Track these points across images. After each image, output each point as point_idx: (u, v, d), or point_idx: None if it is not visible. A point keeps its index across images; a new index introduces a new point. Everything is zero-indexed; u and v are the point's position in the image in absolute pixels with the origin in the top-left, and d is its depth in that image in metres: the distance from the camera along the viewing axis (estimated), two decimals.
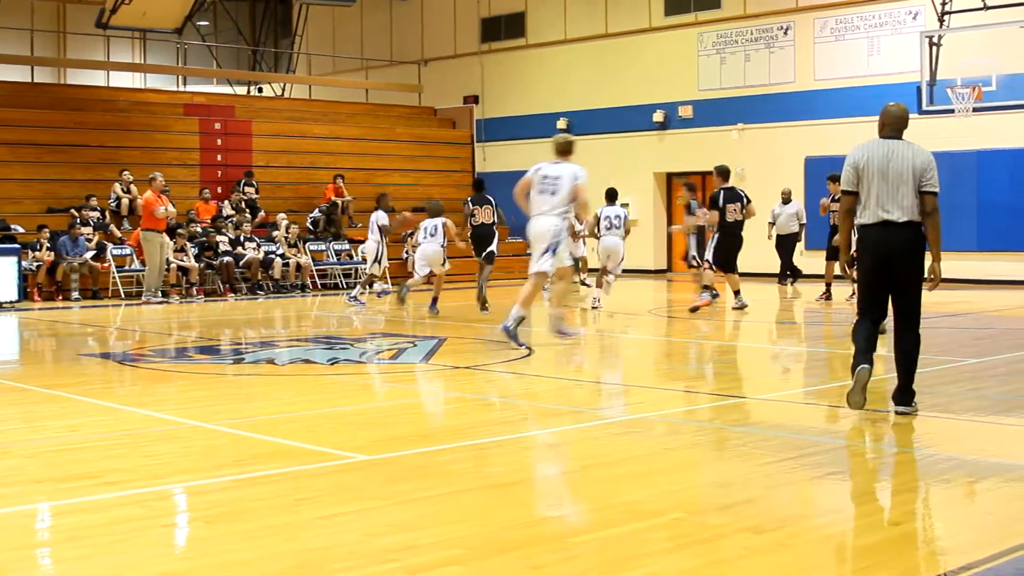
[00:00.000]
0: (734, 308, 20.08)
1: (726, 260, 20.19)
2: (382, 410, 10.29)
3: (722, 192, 20.32)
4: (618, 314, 20.77)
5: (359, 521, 6.38)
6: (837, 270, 20.88)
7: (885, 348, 11.08)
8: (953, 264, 27.40)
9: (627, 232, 21.65)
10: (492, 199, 21.55)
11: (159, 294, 23.71)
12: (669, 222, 33.28)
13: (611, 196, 22.18)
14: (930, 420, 9.51)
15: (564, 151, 15.31)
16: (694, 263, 22.20)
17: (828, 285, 22.27)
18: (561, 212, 14.99)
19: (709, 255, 20.29)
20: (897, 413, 9.49)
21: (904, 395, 9.52)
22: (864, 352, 9.46)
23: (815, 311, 21.05)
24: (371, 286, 24.26)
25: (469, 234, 21.57)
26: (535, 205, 15.13)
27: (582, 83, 35.11)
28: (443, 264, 21.32)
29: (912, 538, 6.26)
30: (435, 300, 20.83)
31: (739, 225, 20.37)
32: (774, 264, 26.98)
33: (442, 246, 21.28)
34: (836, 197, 21.92)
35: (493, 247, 21.38)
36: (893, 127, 9.62)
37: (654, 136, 33.39)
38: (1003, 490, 7.22)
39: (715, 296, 20.72)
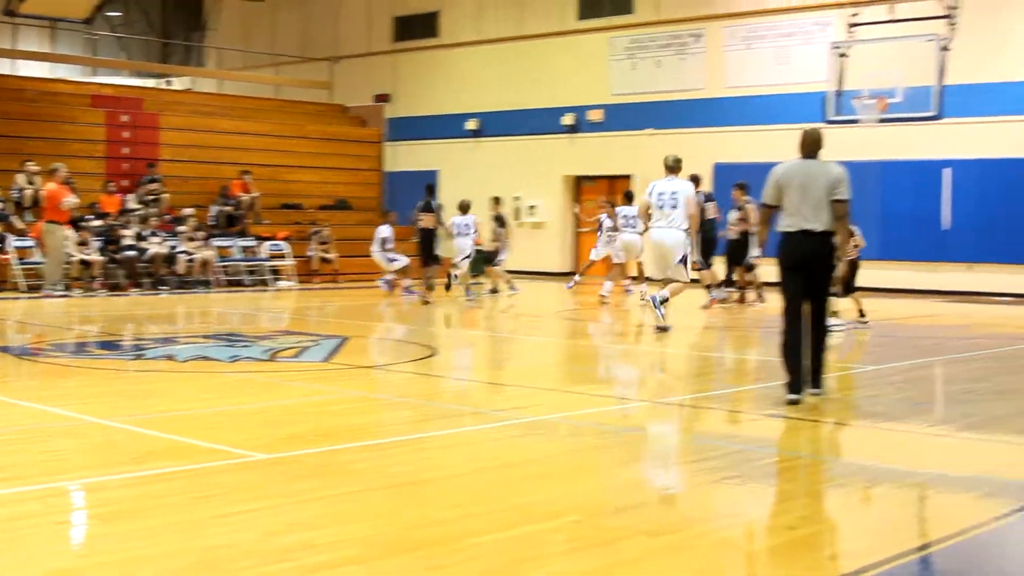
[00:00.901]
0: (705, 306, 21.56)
1: (707, 257, 22.03)
2: (283, 408, 10.23)
3: (701, 195, 21.37)
4: (523, 316, 20.82)
5: (258, 520, 6.35)
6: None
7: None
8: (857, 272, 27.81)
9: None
10: (436, 205, 23.45)
11: (60, 287, 23.40)
12: (577, 225, 33.38)
13: (629, 197, 24.04)
14: (827, 426, 9.64)
15: (675, 168, 17.48)
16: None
17: (709, 287, 22.53)
18: (681, 224, 16.92)
19: (697, 255, 21.09)
20: (812, 394, 10.50)
21: (817, 379, 10.62)
22: (798, 373, 10.46)
23: (719, 314, 21.22)
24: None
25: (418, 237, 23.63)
26: (656, 219, 17.08)
27: (494, 84, 35.13)
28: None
29: (808, 542, 6.32)
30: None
31: (714, 223, 22.24)
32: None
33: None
34: (739, 205, 22.20)
35: (438, 250, 23.88)
36: (810, 149, 10.95)
37: (564, 139, 33.48)
38: (897, 495, 7.33)
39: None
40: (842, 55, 26.00)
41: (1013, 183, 25.70)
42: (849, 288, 18.40)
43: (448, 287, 25.31)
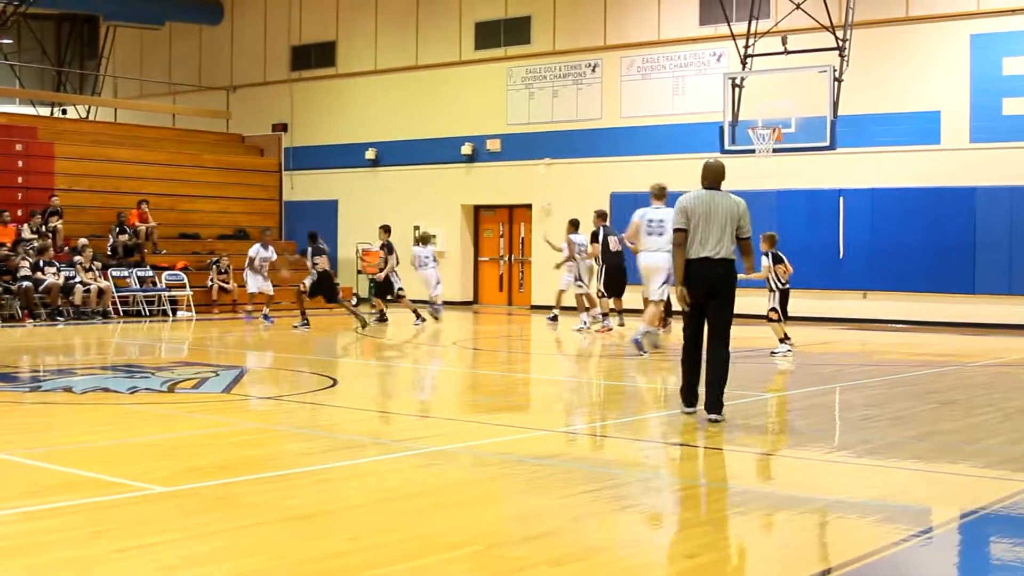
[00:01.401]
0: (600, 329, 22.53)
1: (617, 287, 23.13)
2: (181, 440, 10.13)
3: (602, 228, 23.06)
4: (424, 346, 20.78)
5: (155, 554, 6.27)
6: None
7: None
8: (753, 300, 28.07)
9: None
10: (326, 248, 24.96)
11: None
12: (476, 254, 33.44)
13: (576, 225, 24.89)
14: (729, 454, 9.71)
15: (661, 195, 18.60)
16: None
17: (605, 315, 22.84)
18: (666, 248, 17.59)
19: (601, 285, 23.00)
20: (711, 421, 10.95)
21: (716, 404, 11.06)
22: (693, 389, 11.41)
23: (615, 344, 21.31)
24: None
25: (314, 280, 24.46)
26: (646, 244, 18.23)
27: (391, 114, 35.12)
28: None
29: (709, 570, 6.36)
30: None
31: (621, 255, 22.69)
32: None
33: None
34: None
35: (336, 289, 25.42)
36: (713, 180, 11.53)
37: (462, 168, 33.53)
38: (798, 522, 7.39)
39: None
40: (737, 86, 26.27)
41: (904, 212, 26.14)
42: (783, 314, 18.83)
43: (419, 319, 25.32)
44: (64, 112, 39.82)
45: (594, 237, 23.34)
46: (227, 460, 9.17)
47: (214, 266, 29.78)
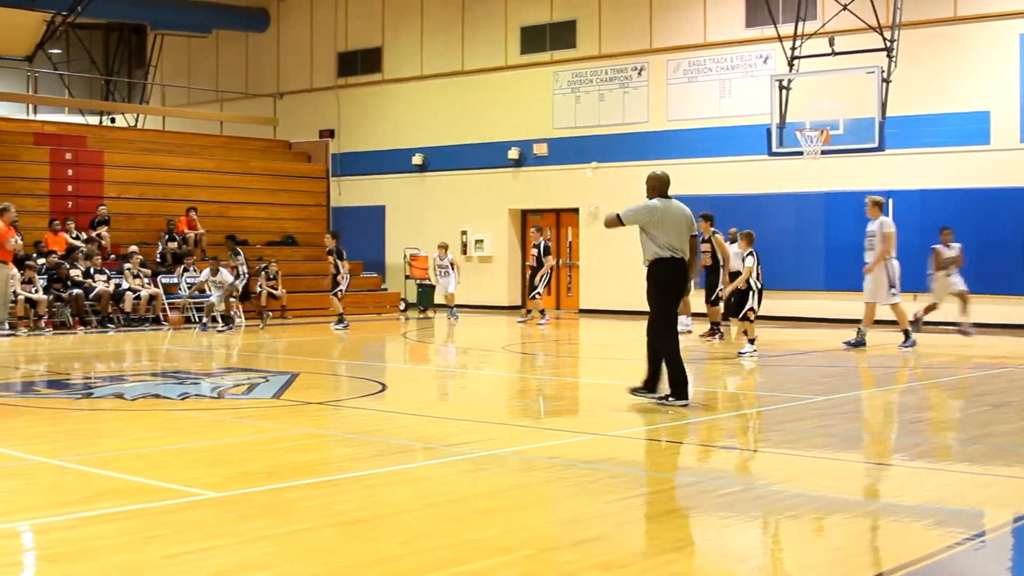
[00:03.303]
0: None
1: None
2: (232, 446, 10.18)
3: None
4: (472, 350, 20.80)
5: (207, 559, 6.30)
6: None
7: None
8: (802, 303, 28.01)
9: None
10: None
11: (6, 327, 23.17)
12: (524, 258, 33.44)
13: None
14: (778, 456, 9.67)
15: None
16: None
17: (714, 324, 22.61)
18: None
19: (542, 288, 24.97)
20: (669, 403, 12.50)
21: (653, 385, 12.80)
22: (684, 377, 12.66)
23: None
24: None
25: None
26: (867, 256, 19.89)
27: (438, 119, 35.18)
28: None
29: (760, 573, 6.34)
30: None
31: None
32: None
33: None
34: (707, 237, 22.17)
35: None
36: (663, 189, 12.79)
37: (509, 173, 33.55)
38: (849, 525, 7.35)
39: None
40: (784, 88, 26.19)
41: (953, 213, 25.92)
42: (738, 312, 18.57)
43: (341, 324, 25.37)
44: (113, 121, 40.08)
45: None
46: (277, 465, 9.20)
47: (262, 272, 29.86)
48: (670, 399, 12.54)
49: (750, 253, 18.83)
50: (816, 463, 9.51)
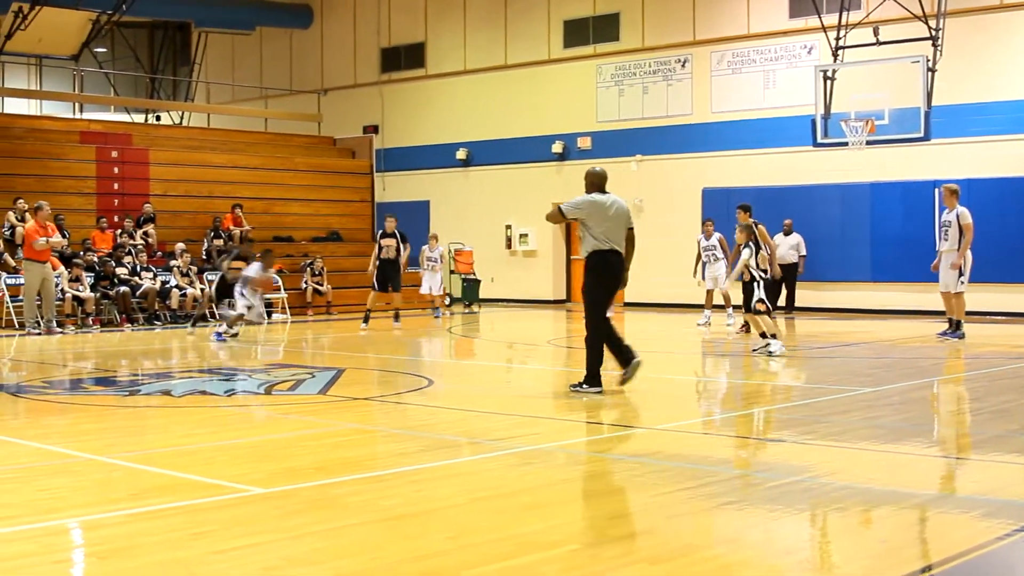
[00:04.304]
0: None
1: None
2: (279, 442, 10.22)
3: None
4: (517, 344, 20.79)
5: (255, 555, 6.32)
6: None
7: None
8: (847, 295, 27.89)
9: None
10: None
11: (39, 325, 23.24)
12: (568, 252, 33.42)
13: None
14: (825, 448, 9.63)
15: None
16: None
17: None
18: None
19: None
20: (623, 379, 13.26)
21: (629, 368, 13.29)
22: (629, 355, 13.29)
23: (717, 340, 21.20)
24: None
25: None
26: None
27: (482, 114, 35.19)
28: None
29: (806, 566, 6.32)
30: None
31: None
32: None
33: None
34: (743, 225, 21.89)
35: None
36: (600, 185, 13.33)
37: (553, 167, 33.52)
38: (896, 517, 7.31)
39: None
40: (828, 78, 26.07)
41: (1001, 202, 25.74)
42: (748, 306, 18.13)
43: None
44: (158, 118, 40.31)
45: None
46: (324, 461, 9.23)
47: (308, 268, 29.99)
48: (583, 386, 13.14)
49: (746, 245, 18.41)
50: (863, 455, 9.46)
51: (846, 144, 25.77)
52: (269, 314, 25.74)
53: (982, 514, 7.35)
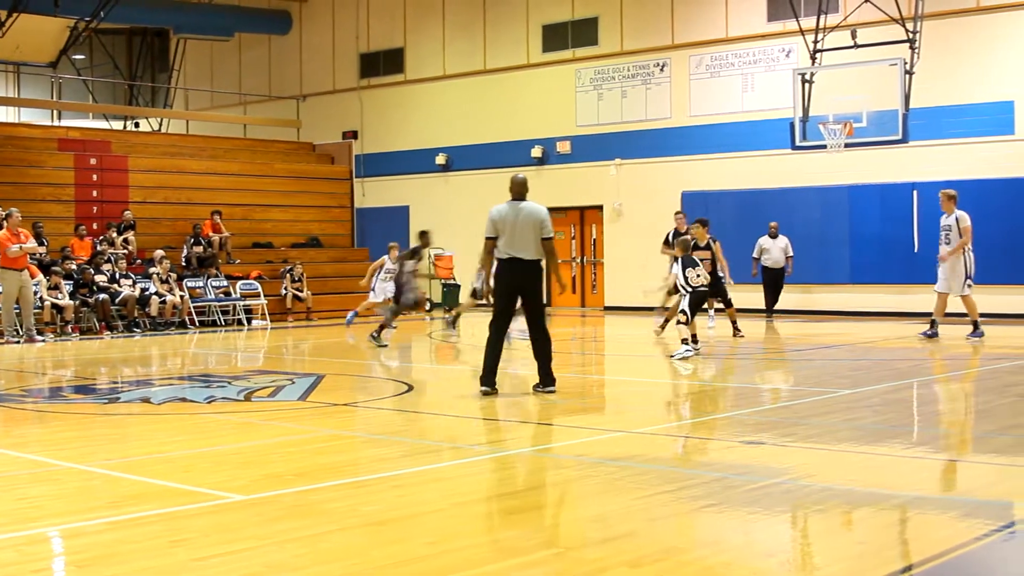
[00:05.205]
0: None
1: None
2: (259, 449, 10.20)
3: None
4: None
5: (235, 563, 6.31)
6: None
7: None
8: (826, 296, 27.97)
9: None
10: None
11: (19, 333, 23.18)
12: None
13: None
14: (805, 450, 9.65)
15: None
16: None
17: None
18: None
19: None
20: (539, 391, 13.41)
21: (546, 379, 13.50)
22: (494, 374, 13.30)
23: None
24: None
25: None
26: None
27: (461, 118, 35.20)
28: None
29: (787, 568, 6.33)
30: None
31: None
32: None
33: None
34: (703, 244, 21.62)
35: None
36: (518, 192, 13.67)
37: (532, 171, 33.45)
38: (876, 519, 7.33)
39: None
40: (807, 81, 26.13)
41: (979, 204, 25.80)
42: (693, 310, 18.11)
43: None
44: (137, 125, 40.22)
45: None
46: (304, 467, 9.22)
47: (288, 274, 29.96)
48: (484, 388, 13.27)
49: (677, 260, 18.29)
50: (843, 456, 9.49)
51: (824, 147, 25.82)
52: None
53: (961, 514, 7.37)
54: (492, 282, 13.54)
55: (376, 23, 37.37)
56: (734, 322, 22.08)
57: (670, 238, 23.24)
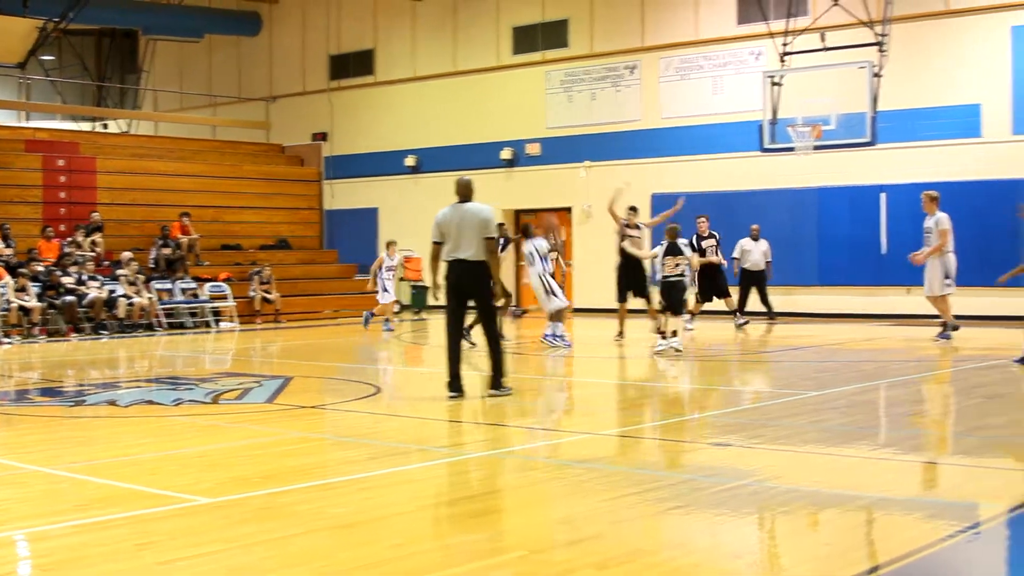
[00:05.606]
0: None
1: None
2: (226, 451, 10.17)
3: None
4: (465, 351, 20.78)
5: (202, 566, 6.30)
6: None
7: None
8: (795, 298, 28.04)
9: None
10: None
11: None
12: (517, 258, 33.44)
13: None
14: (772, 452, 9.67)
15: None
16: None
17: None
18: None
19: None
20: (491, 395, 13.24)
21: (496, 382, 13.39)
22: (457, 376, 13.32)
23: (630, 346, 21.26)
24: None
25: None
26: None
27: (431, 120, 35.16)
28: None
29: (755, 569, 6.34)
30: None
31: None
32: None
33: None
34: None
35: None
36: (463, 194, 13.65)
37: (502, 173, 33.53)
38: (842, 520, 7.36)
39: None
40: (776, 84, 26.19)
41: (946, 206, 25.85)
42: (676, 308, 18.31)
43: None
44: (105, 127, 40.08)
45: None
46: (272, 470, 9.20)
47: (256, 276, 29.87)
48: (451, 393, 13.31)
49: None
50: (809, 458, 9.52)
51: (793, 149, 25.90)
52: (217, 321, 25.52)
53: (927, 515, 7.42)
54: (440, 284, 13.57)
55: (346, 24, 37.31)
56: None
57: (694, 243, 23.86)
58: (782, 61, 26.63)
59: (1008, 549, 6.92)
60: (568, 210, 32.35)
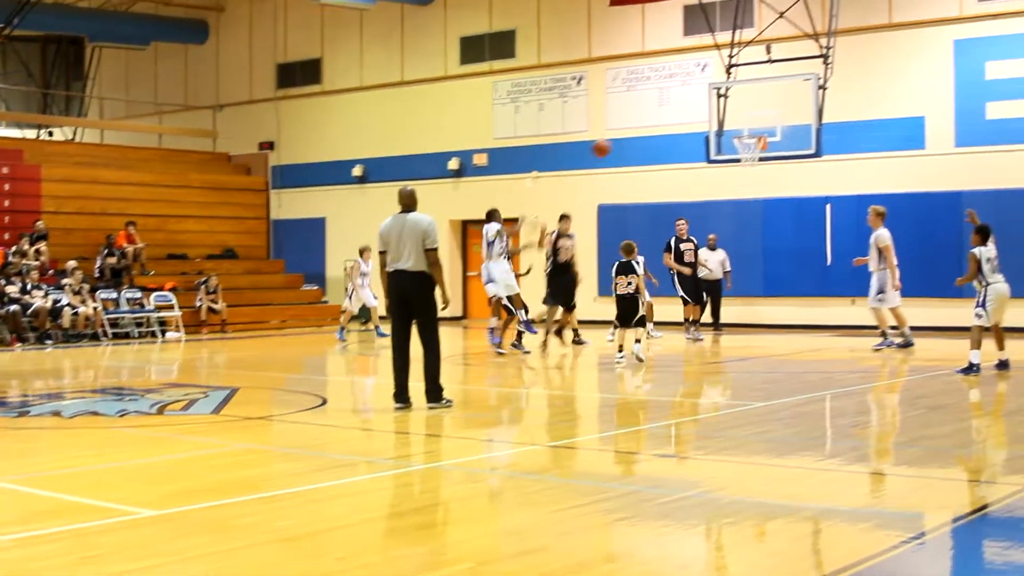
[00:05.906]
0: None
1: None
2: (171, 463, 10.11)
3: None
4: (414, 362, 20.76)
5: None
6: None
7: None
8: (740, 310, 28.15)
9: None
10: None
11: None
12: (465, 269, 33.44)
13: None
14: (717, 463, 9.71)
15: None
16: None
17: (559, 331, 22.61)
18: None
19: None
20: (430, 408, 13.06)
21: (432, 394, 13.25)
22: (403, 386, 13.30)
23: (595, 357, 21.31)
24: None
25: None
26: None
27: (378, 130, 35.10)
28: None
29: None
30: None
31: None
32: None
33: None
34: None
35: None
36: (406, 204, 13.53)
37: (449, 184, 33.52)
38: (789, 530, 7.39)
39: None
40: (722, 95, 26.29)
41: (890, 217, 25.98)
42: (625, 323, 18.31)
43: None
44: (50, 134, 39.78)
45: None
46: (217, 482, 9.15)
47: (203, 286, 29.72)
48: (397, 404, 13.29)
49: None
50: (755, 469, 9.56)
51: (739, 161, 25.99)
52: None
53: (873, 526, 7.46)
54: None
55: (293, 33, 37.20)
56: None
57: (671, 245, 24.16)
58: (728, 73, 26.74)
59: (953, 559, 6.97)
60: (516, 221, 32.32)
